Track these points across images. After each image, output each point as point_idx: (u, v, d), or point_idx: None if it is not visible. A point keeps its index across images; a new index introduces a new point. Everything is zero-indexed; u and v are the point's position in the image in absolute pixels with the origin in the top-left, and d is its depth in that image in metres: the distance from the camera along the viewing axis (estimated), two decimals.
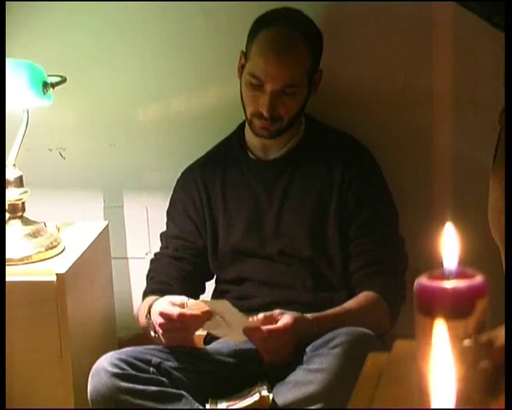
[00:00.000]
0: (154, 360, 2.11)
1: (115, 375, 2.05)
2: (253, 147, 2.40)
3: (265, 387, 2.07)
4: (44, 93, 2.31)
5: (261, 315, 2.09)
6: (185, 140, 2.66)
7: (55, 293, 2.26)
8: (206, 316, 2.09)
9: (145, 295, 2.35)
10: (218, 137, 2.49)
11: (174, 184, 2.47)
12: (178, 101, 2.66)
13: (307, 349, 2.09)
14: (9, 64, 2.28)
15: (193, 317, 2.09)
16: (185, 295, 2.24)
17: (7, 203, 2.38)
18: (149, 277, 2.40)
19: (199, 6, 2.54)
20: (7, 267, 2.28)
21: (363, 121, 2.53)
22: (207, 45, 2.58)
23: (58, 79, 2.40)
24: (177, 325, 2.10)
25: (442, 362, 0.77)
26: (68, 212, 2.68)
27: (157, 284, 2.34)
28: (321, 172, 2.34)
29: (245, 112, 2.32)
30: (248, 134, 2.40)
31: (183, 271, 2.37)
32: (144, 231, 2.72)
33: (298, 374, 2.05)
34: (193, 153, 2.50)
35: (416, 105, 2.52)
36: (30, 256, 2.35)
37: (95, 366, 2.09)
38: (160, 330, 2.13)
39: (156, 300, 2.19)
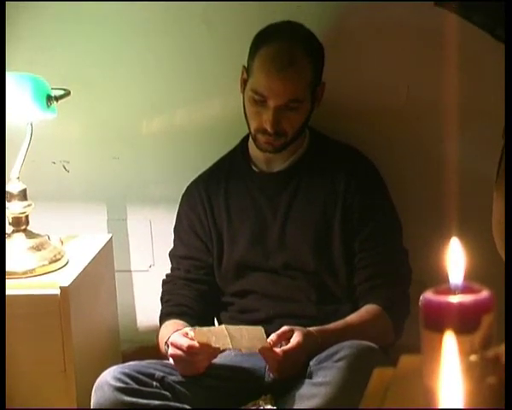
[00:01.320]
0: (158, 374, 2.10)
1: (118, 389, 2.04)
2: (257, 160, 2.40)
3: (269, 401, 2.06)
4: (48, 106, 2.32)
5: (274, 336, 2.08)
6: (189, 153, 2.65)
7: (58, 306, 2.26)
8: (217, 351, 2.08)
9: (162, 318, 2.34)
10: (222, 149, 2.49)
11: (178, 196, 2.47)
12: (182, 113, 2.66)
13: (311, 363, 2.08)
14: (13, 77, 2.28)
15: (202, 348, 2.07)
16: (203, 313, 2.30)
17: (11, 217, 2.38)
18: (164, 299, 2.38)
19: (201, 18, 2.54)
20: (11, 280, 2.28)
21: (367, 134, 2.53)
22: (211, 57, 2.58)
23: (62, 92, 2.40)
24: (188, 357, 2.09)
25: (450, 377, 0.77)
26: (72, 225, 2.68)
27: (174, 307, 2.33)
28: (325, 185, 2.34)
29: (249, 127, 2.32)
30: (252, 147, 2.39)
31: (197, 291, 2.35)
32: (148, 243, 2.72)
33: (302, 388, 2.04)
34: (197, 166, 2.49)
35: (420, 117, 2.52)
36: (33, 269, 2.35)
37: (98, 380, 2.08)
38: (172, 361, 2.13)
39: (177, 330, 2.17)
